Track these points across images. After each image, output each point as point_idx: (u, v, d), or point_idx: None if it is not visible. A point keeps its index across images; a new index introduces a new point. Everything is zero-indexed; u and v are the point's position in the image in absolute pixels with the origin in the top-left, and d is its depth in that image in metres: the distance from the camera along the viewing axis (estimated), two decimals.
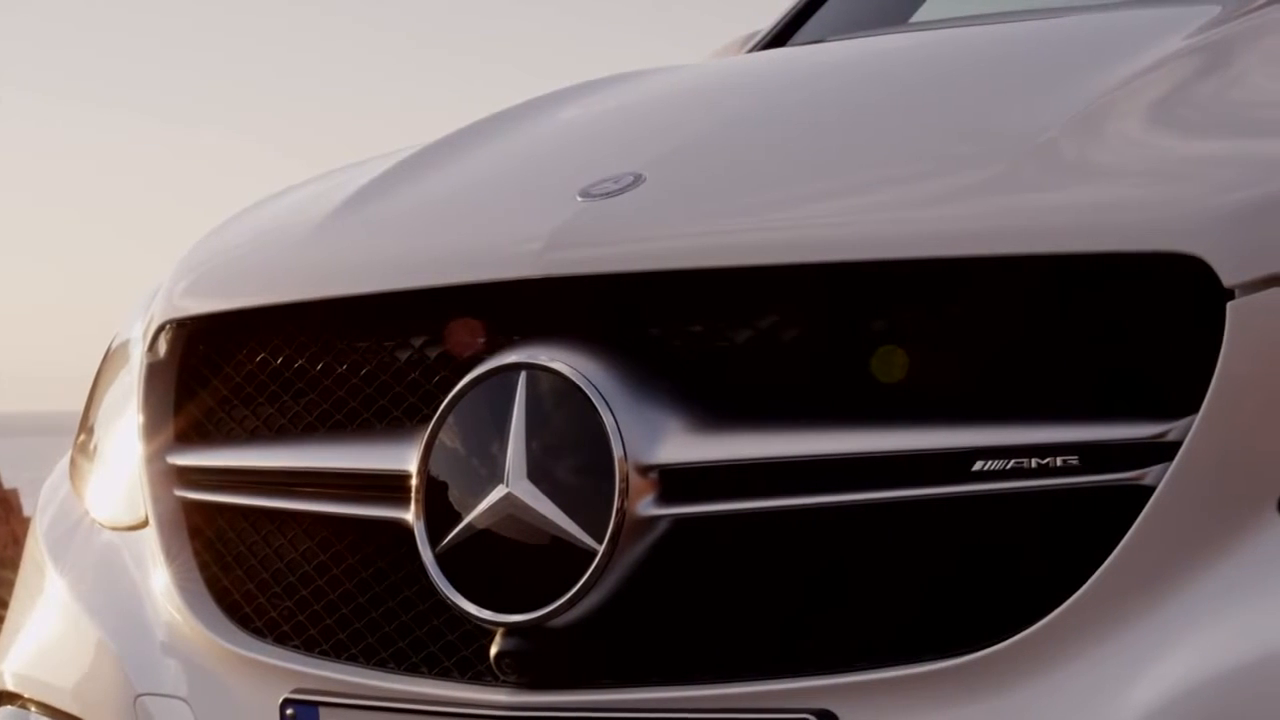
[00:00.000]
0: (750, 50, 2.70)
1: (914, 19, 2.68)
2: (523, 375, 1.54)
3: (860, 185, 1.58)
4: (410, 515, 1.58)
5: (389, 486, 1.62)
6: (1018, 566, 1.40)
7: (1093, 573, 1.35)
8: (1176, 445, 1.35)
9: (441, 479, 1.57)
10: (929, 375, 1.45)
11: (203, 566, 1.79)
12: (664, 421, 1.50)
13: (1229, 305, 1.34)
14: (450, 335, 1.65)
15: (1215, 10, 1.88)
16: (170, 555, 1.81)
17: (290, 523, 1.73)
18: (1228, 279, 1.35)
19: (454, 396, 1.57)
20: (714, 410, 1.50)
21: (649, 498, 1.48)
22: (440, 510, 1.56)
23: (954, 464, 1.40)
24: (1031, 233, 1.42)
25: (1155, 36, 1.78)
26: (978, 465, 1.40)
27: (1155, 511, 1.35)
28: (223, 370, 1.83)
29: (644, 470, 1.48)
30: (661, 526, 1.49)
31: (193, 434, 1.85)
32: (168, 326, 1.88)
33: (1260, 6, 1.88)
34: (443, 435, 1.57)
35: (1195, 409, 1.35)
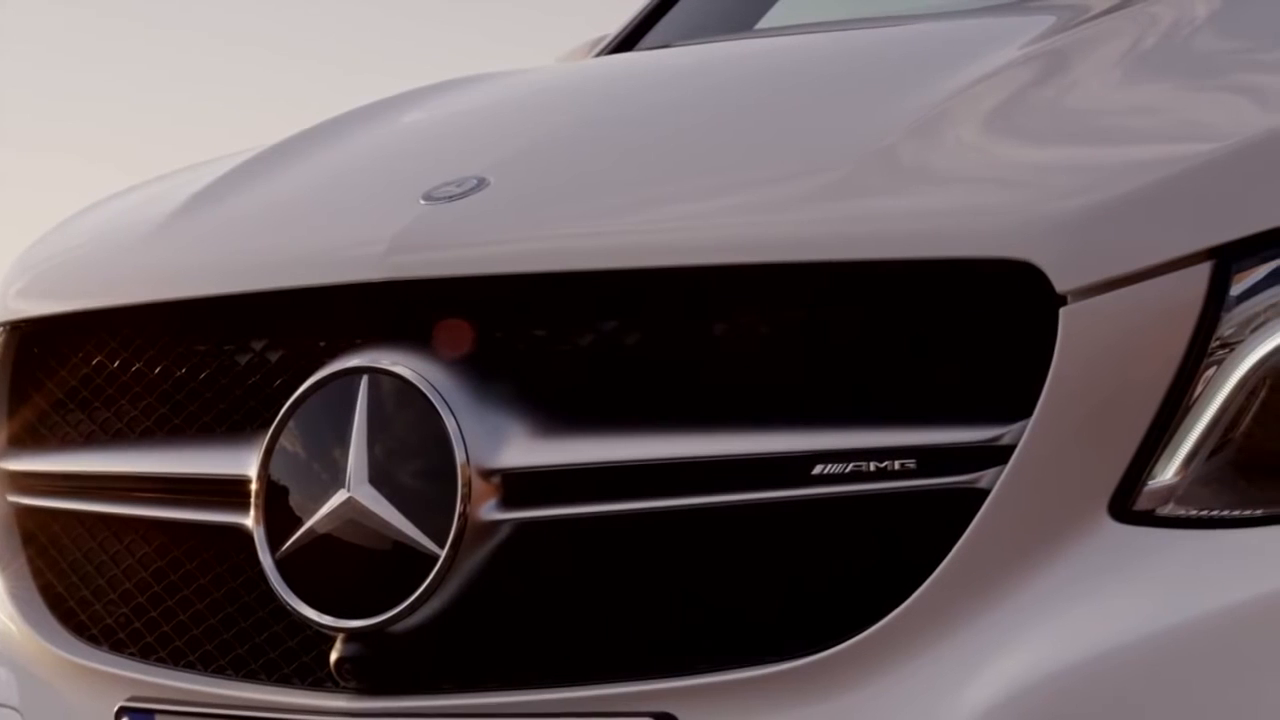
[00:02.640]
0: (598, 54, 2.70)
1: (759, 25, 2.70)
2: (364, 379, 1.53)
3: (702, 190, 1.59)
4: (250, 520, 1.57)
5: (228, 491, 1.61)
6: (857, 569, 1.42)
7: (929, 575, 1.37)
8: (1010, 449, 1.37)
9: (282, 484, 1.56)
10: (769, 380, 1.46)
11: (36, 573, 1.76)
12: (506, 426, 1.50)
13: (1061, 311, 1.37)
14: (291, 339, 1.63)
15: (1050, 20, 1.91)
16: (3, 562, 1.78)
17: (127, 528, 1.71)
18: (1060, 285, 1.37)
19: (295, 400, 1.56)
20: (556, 414, 1.50)
21: (491, 502, 1.48)
22: (281, 515, 1.55)
23: (794, 468, 1.41)
24: (869, 239, 1.44)
25: (992, 45, 1.80)
26: (817, 469, 1.41)
27: (990, 514, 1.36)
28: (58, 373, 1.80)
29: (486, 474, 1.48)
30: (503, 531, 1.48)
31: (26, 438, 1.82)
32: (1, 328, 1.85)
33: (1093, 17, 1.92)
34: (283, 440, 1.56)
35: (1029, 413, 1.36)
